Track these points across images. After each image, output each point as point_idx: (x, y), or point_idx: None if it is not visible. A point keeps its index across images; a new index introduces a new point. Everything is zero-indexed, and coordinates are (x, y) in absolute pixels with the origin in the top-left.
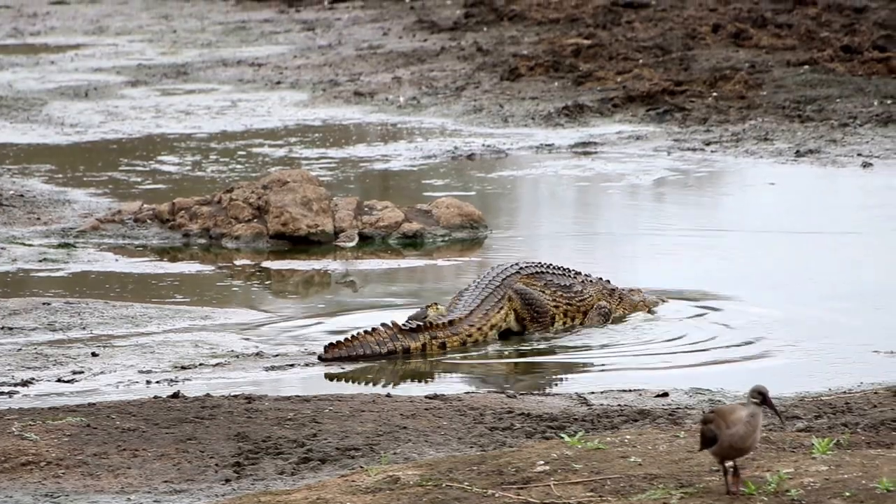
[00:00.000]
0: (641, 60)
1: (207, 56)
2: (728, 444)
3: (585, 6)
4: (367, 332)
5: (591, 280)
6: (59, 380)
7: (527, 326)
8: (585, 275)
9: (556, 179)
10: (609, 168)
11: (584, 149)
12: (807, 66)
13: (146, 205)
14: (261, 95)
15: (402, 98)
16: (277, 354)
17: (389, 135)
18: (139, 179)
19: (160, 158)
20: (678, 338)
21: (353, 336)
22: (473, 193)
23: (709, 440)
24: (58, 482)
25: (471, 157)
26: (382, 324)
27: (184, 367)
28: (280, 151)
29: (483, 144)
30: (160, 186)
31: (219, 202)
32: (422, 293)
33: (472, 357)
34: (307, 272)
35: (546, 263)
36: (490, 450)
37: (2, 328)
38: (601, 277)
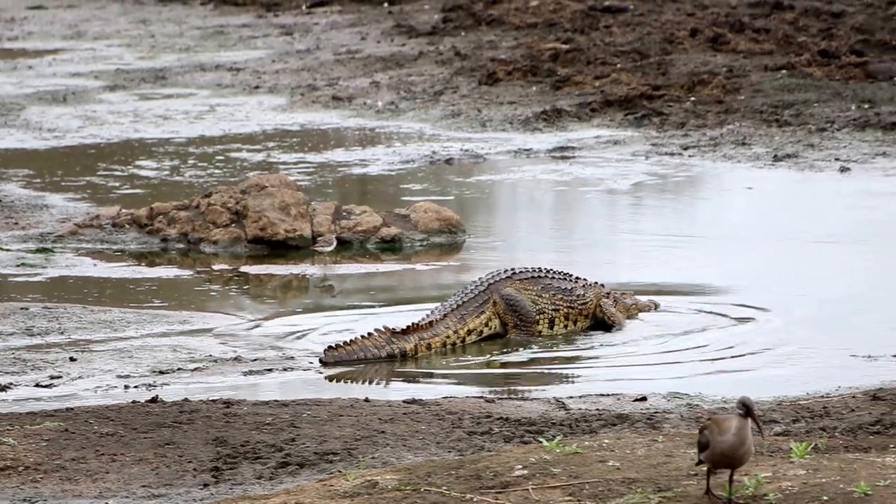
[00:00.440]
0: (619, 65)
1: (186, 61)
2: (719, 452)
3: (563, 11)
4: (365, 337)
5: (589, 284)
6: (38, 384)
7: (508, 331)
8: (584, 279)
9: (535, 184)
10: (587, 172)
11: (562, 153)
12: (784, 71)
13: (124, 210)
14: (239, 100)
15: (381, 103)
16: (256, 359)
17: (368, 139)
18: (117, 184)
19: (138, 163)
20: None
21: (352, 340)
22: (451, 198)
23: (702, 446)
24: (36, 487)
25: (449, 162)
26: (376, 329)
27: (162, 372)
28: (258, 156)
29: (461, 149)
30: (138, 191)
31: (197, 207)
32: (400, 297)
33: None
34: (285, 277)
35: (544, 268)
36: (468, 454)
37: None
38: (596, 281)
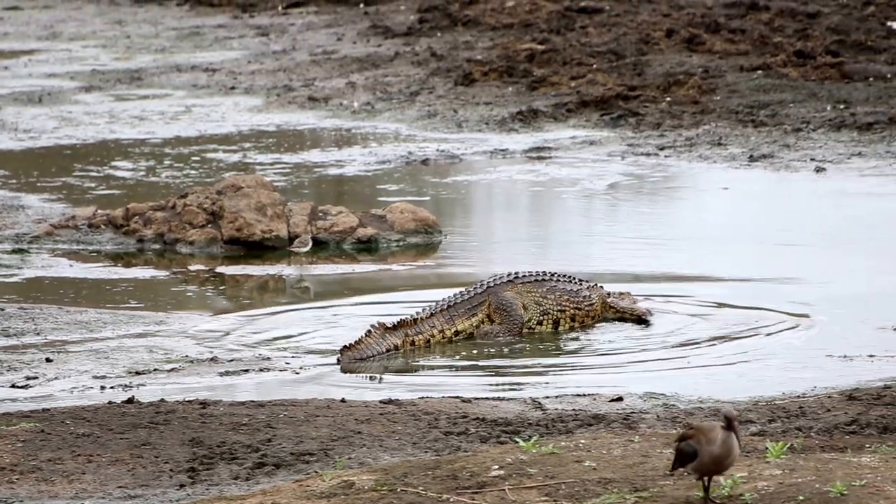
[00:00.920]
0: (595, 65)
1: (161, 61)
2: (708, 461)
3: (539, 11)
4: (367, 335)
5: (592, 285)
6: (13, 385)
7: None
8: (587, 281)
9: (511, 184)
10: (563, 173)
11: (539, 154)
12: (760, 72)
13: (100, 210)
14: (215, 101)
15: (357, 103)
16: (232, 360)
17: (344, 140)
18: (93, 185)
19: (114, 164)
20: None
21: (359, 340)
22: (428, 198)
23: (688, 455)
24: (12, 488)
25: (425, 163)
26: (371, 325)
27: (138, 373)
28: (234, 157)
29: (437, 149)
30: (114, 192)
31: (173, 207)
32: (376, 297)
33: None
34: (262, 277)
35: (550, 271)
36: (445, 454)
37: None
38: (596, 283)
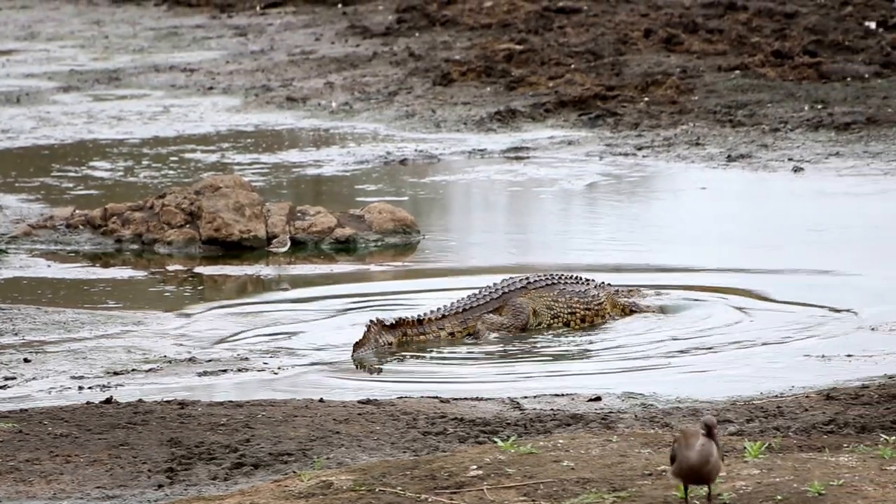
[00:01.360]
0: (573, 65)
1: (139, 62)
2: (686, 466)
3: (517, 12)
4: (368, 330)
5: (599, 284)
6: None
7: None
8: (594, 280)
9: (489, 184)
10: (541, 173)
11: (517, 154)
12: (738, 72)
13: (78, 210)
14: (193, 101)
15: (335, 103)
16: (210, 360)
17: (322, 140)
18: (71, 185)
19: (92, 164)
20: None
21: (364, 335)
22: (406, 198)
23: (671, 459)
24: None
25: (403, 163)
26: (370, 321)
27: (116, 373)
28: (212, 157)
29: (416, 149)
30: (92, 192)
31: (151, 208)
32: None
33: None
34: (240, 277)
35: (557, 274)
36: (423, 454)
37: None
38: (604, 282)
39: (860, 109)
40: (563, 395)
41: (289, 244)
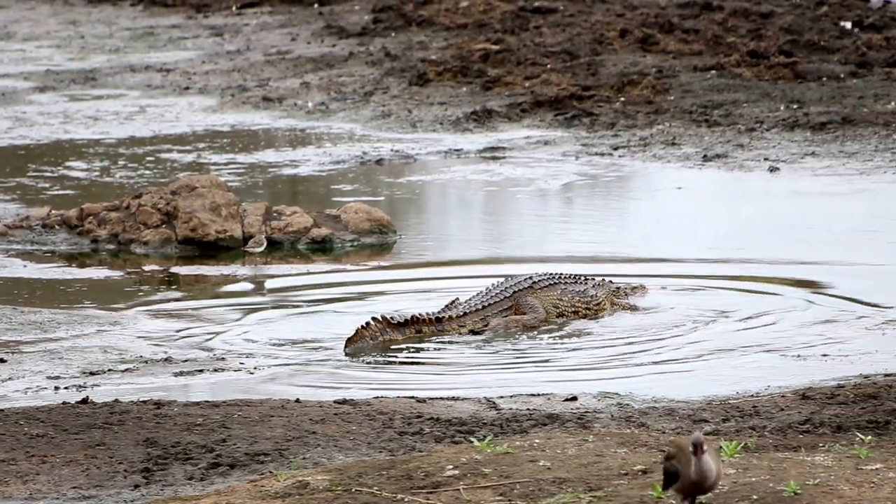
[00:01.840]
0: (549, 65)
1: (115, 62)
2: (689, 483)
3: (493, 11)
4: (363, 327)
5: (599, 283)
6: None
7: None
8: (593, 278)
9: (465, 184)
10: (517, 173)
11: (493, 154)
12: (714, 72)
13: (54, 210)
14: (169, 101)
15: (311, 103)
16: (186, 360)
17: (298, 140)
18: (47, 185)
19: (68, 164)
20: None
21: (356, 331)
22: (382, 198)
23: (670, 475)
24: None
25: (379, 163)
26: (373, 318)
27: (92, 373)
28: (189, 157)
29: (392, 149)
30: (68, 192)
31: (127, 208)
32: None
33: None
34: (216, 277)
35: (557, 274)
36: (399, 454)
37: None
38: (604, 279)
39: (836, 109)
40: (540, 395)
41: (265, 244)
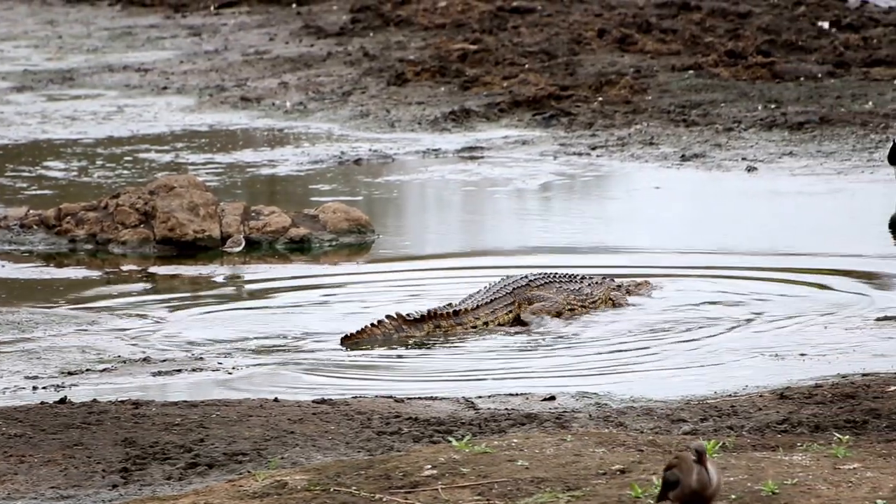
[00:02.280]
0: (527, 65)
1: (94, 62)
2: (688, 492)
3: (472, 11)
4: (374, 325)
5: (597, 281)
6: None
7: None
8: (590, 277)
9: (443, 184)
10: (495, 172)
11: (471, 153)
12: (692, 71)
13: (32, 210)
14: (147, 101)
15: (289, 103)
16: (164, 360)
17: (276, 140)
18: (25, 185)
19: (46, 164)
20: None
21: (362, 329)
22: (360, 198)
23: (669, 484)
24: None
25: (358, 162)
26: (387, 315)
27: (70, 373)
28: (167, 157)
29: (370, 149)
30: (46, 192)
31: (105, 208)
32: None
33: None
34: (194, 277)
35: (552, 273)
36: (378, 454)
37: None
38: (605, 277)
39: (813, 109)
40: (518, 395)
41: (243, 244)
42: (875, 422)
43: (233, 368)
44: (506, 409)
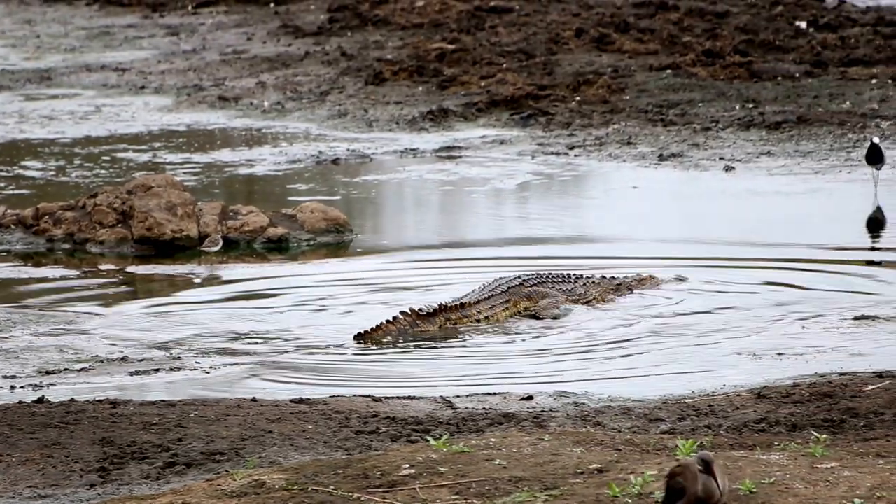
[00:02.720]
0: (505, 65)
1: (71, 61)
2: (694, 499)
3: (449, 11)
4: (389, 322)
5: (594, 281)
6: None
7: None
8: (587, 277)
9: (421, 183)
10: (473, 172)
11: (449, 153)
12: (669, 71)
13: (10, 210)
14: (125, 100)
15: (267, 103)
16: (142, 359)
17: (254, 139)
18: (2, 185)
19: (24, 164)
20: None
21: (377, 326)
22: (338, 198)
23: (674, 492)
24: None
25: (336, 162)
26: (402, 311)
27: (48, 373)
28: (144, 156)
29: (348, 149)
30: (24, 192)
31: (83, 207)
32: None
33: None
34: (172, 277)
35: (545, 273)
36: (356, 453)
37: None
38: (604, 276)
39: (791, 108)
40: (496, 394)
41: (221, 244)
42: (852, 421)
43: (210, 368)
44: (484, 409)
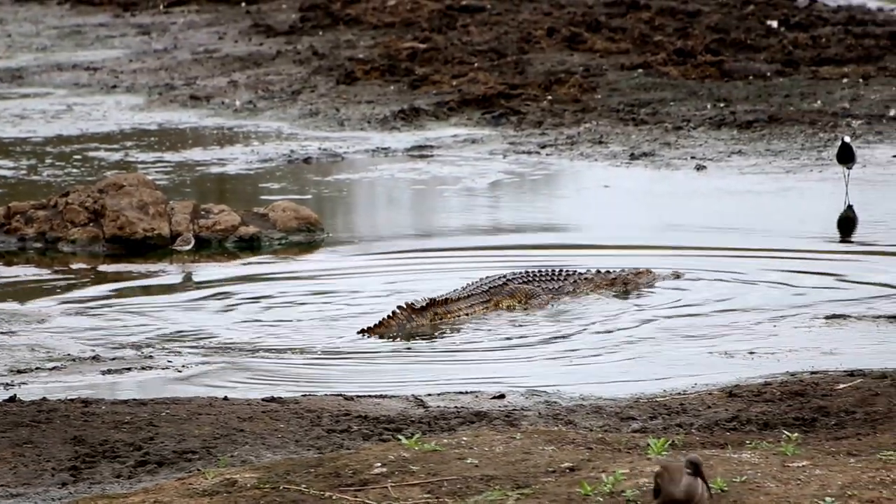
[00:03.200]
0: (477, 64)
1: (42, 60)
2: (670, 499)
3: (421, 10)
4: (390, 317)
5: (587, 277)
6: None
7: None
8: (579, 273)
9: (393, 182)
10: (445, 171)
11: (420, 152)
12: (641, 70)
13: None
14: (96, 99)
15: (239, 102)
16: (114, 358)
17: (226, 138)
18: None
19: None
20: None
21: (380, 322)
22: (310, 197)
23: (654, 493)
24: None
25: (307, 161)
26: (398, 306)
27: (20, 371)
28: (116, 155)
29: (319, 148)
30: None
31: (55, 206)
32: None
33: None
34: (144, 276)
35: (533, 272)
36: (327, 452)
37: None
38: (599, 270)
39: (762, 108)
40: (468, 393)
41: (193, 242)
42: (824, 419)
43: (182, 367)
44: (455, 408)
